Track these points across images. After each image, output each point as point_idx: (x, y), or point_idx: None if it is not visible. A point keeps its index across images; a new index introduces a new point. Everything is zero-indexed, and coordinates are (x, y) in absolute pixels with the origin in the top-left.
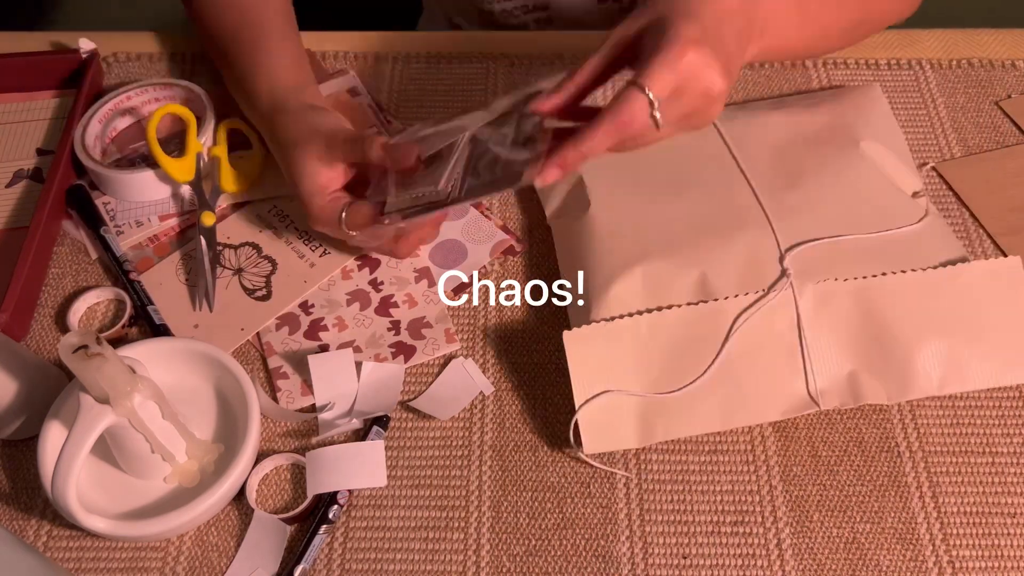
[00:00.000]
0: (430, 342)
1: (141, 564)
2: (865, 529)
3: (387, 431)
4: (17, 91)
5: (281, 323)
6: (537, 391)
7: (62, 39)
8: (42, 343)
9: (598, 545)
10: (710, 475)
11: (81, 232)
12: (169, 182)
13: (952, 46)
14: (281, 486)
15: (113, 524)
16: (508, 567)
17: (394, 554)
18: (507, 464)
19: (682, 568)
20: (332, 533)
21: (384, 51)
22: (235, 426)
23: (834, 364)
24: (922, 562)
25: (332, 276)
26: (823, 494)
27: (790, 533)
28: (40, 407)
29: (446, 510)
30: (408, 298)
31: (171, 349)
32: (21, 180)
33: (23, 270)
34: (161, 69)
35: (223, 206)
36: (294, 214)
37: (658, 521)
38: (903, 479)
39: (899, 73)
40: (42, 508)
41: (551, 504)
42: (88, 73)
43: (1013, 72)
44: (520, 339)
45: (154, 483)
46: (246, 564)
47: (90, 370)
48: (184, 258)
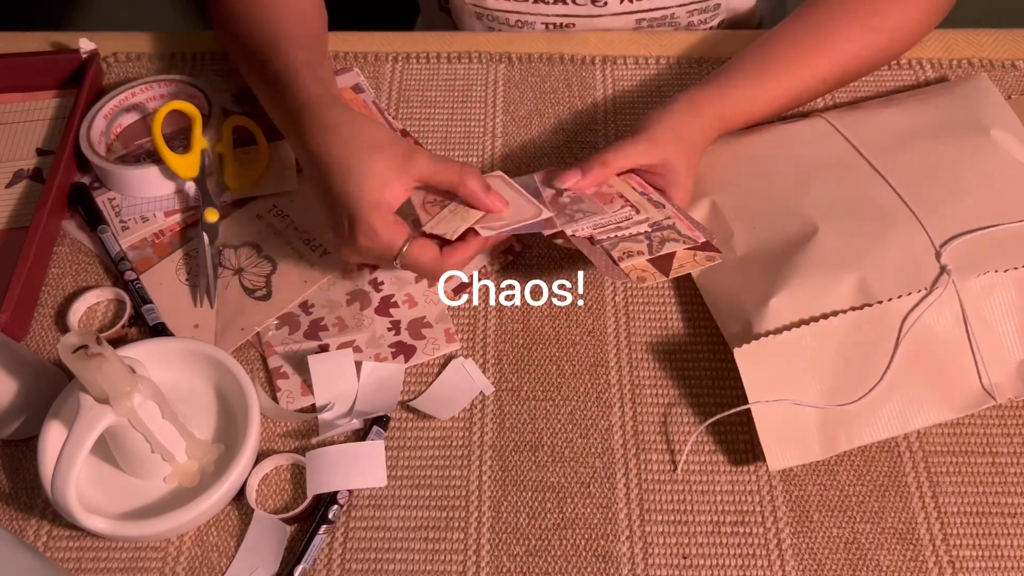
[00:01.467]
0: (430, 342)
1: (141, 564)
2: (865, 529)
3: (387, 431)
4: (17, 91)
5: (281, 323)
6: (537, 391)
7: (62, 39)
8: (42, 343)
9: (598, 545)
10: (710, 475)
11: (83, 233)
12: (174, 178)
13: (952, 46)
14: (281, 486)
15: (113, 524)
16: (508, 567)
17: (394, 554)
18: (507, 464)
19: (682, 568)
20: (332, 533)
21: (384, 51)
22: (235, 426)
23: (1005, 356)
24: (922, 562)
25: (332, 276)
26: (823, 494)
27: (790, 533)
28: (40, 407)
29: (446, 510)
30: (408, 298)
31: (171, 349)
32: (21, 180)
33: (23, 270)
34: (161, 69)
35: (226, 203)
36: (294, 214)
37: (658, 521)
38: (903, 479)
39: (899, 73)
40: (42, 508)
41: (551, 504)
42: (88, 73)
43: (1013, 72)
44: (520, 339)
45: (154, 483)
46: (246, 564)
47: (90, 370)
48: (185, 257)
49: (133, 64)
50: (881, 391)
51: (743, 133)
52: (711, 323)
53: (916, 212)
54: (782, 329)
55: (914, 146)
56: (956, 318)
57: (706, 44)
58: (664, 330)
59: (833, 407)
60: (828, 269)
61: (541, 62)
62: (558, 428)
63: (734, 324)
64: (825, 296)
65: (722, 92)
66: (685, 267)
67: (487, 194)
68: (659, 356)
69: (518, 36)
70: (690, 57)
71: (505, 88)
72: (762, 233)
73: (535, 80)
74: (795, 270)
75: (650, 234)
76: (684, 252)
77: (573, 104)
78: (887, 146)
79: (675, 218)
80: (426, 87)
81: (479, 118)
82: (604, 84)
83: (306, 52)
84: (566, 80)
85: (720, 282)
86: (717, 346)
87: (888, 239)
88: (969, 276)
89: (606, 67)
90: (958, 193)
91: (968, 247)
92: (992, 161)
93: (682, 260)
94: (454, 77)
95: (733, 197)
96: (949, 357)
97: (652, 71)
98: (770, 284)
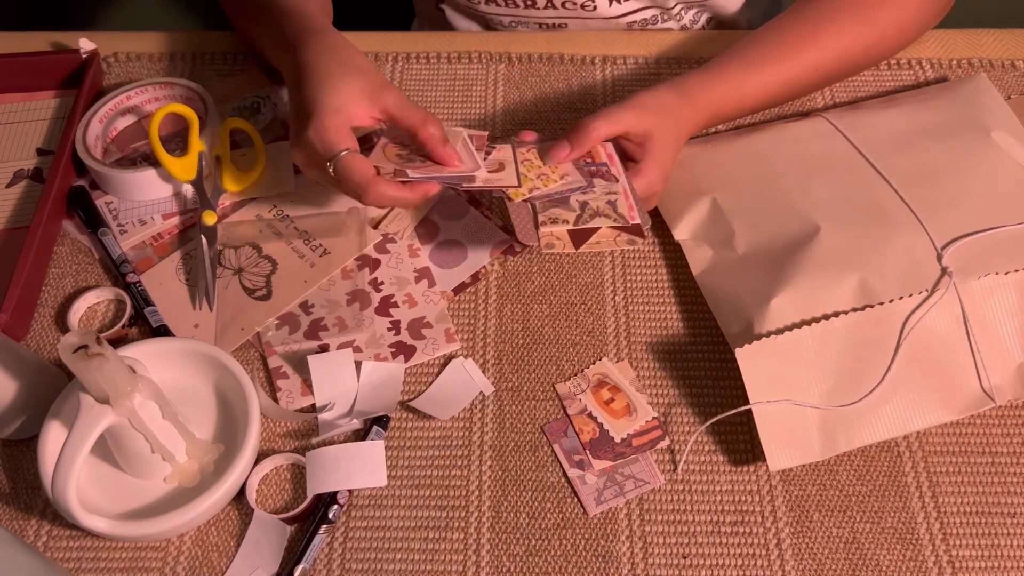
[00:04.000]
0: (430, 342)
1: (141, 564)
2: (865, 529)
3: (387, 431)
4: (17, 91)
5: (281, 323)
6: (537, 391)
7: (62, 39)
8: (42, 343)
9: (598, 545)
10: (710, 475)
11: (84, 235)
12: (171, 181)
13: (952, 46)
14: (281, 486)
15: (113, 524)
16: (508, 567)
17: (394, 554)
18: (507, 464)
19: (682, 568)
20: (332, 533)
21: (384, 51)
22: (235, 426)
23: (1005, 358)
24: (922, 562)
25: (332, 276)
26: (823, 494)
27: (790, 533)
28: (40, 407)
29: (446, 510)
30: (408, 298)
31: (171, 349)
32: (21, 180)
33: (23, 270)
34: (161, 69)
35: (224, 204)
36: (294, 214)
37: (658, 521)
38: (903, 479)
39: (899, 73)
40: (42, 508)
41: (551, 504)
42: (88, 73)
43: (1013, 72)
44: (520, 339)
45: (154, 483)
46: (246, 564)
47: (90, 370)
48: (184, 258)
49: (133, 64)
50: (882, 392)
51: (744, 132)
52: (711, 323)
53: (917, 214)
54: (783, 329)
55: (915, 147)
56: (957, 320)
57: (706, 44)
58: (664, 330)
59: (834, 408)
60: (830, 270)
61: (541, 62)
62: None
63: (735, 324)
64: (826, 297)
65: (713, 78)
66: (602, 244)
67: (443, 144)
68: (659, 356)
69: (518, 36)
70: (690, 57)
71: (505, 88)
72: (763, 232)
73: (535, 80)
74: (796, 270)
75: (585, 204)
76: (607, 230)
77: (573, 104)
78: (888, 147)
79: (621, 195)
80: (426, 87)
81: (479, 118)
82: (604, 84)
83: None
84: (566, 80)
85: (721, 281)
86: (717, 346)
87: (889, 240)
88: (970, 278)
89: (606, 67)
90: (959, 195)
91: (969, 249)
92: (993, 163)
93: (602, 237)
94: (454, 77)
95: (734, 196)
96: (950, 359)
97: (652, 71)
98: (771, 284)
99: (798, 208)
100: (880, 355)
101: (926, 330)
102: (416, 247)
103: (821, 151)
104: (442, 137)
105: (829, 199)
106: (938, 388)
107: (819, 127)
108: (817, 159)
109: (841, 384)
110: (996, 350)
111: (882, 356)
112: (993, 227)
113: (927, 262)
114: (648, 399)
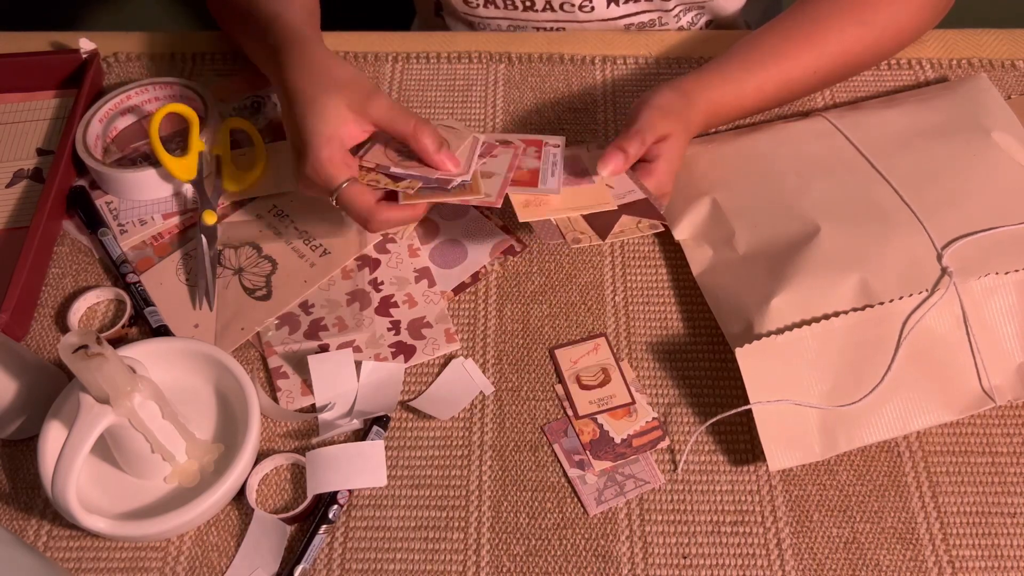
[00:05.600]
0: (430, 342)
1: (141, 564)
2: (865, 529)
3: (387, 431)
4: (17, 91)
5: (281, 323)
6: (537, 391)
7: (62, 39)
8: (42, 343)
9: (598, 545)
10: (710, 475)
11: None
12: (171, 181)
13: (952, 46)
14: (281, 486)
15: (113, 524)
16: (508, 567)
17: (394, 554)
18: (507, 464)
19: (682, 568)
20: (332, 533)
21: (384, 51)
22: (235, 426)
23: (1005, 358)
24: (922, 562)
25: (332, 276)
26: (823, 494)
27: (790, 533)
28: (40, 407)
29: (446, 510)
30: (408, 298)
31: (171, 349)
32: (21, 180)
33: (23, 270)
34: (161, 69)
35: (224, 204)
36: (294, 214)
37: (658, 521)
38: (903, 479)
39: (899, 73)
40: (42, 508)
41: (551, 504)
42: (88, 73)
43: (1013, 72)
44: (520, 339)
45: (154, 483)
46: (246, 564)
47: (90, 370)
48: (184, 258)
49: (133, 64)
50: (882, 392)
51: (744, 132)
52: (711, 323)
53: (917, 214)
54: (783, 329)
55: (915, 147)
56: (957, 320)
57: (706, 44)
58: (664, 330)
59: (834, 408)
60: (830, 269)
61: (541, 62)
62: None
63: (735, 324)
64: (827, 296)
65: (711, 79)
66: (625, 233)
67: (437, 152)
68: (659, 356)
69: (518, 36)
70: (690, 57)
71: (505, 88)
72: (763, 232)
73: (535, 80)
74: (797, 270)
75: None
76: (627, 218)
77: (573, 104)
78: (888, 147)
79: (635, 189)
80: (426, 87)
81: (479, 118)
82: (604, 84)
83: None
84: (566, 80)
85: (721, 281)
86: (717, 346)
87: (890, 240)
88: (970, 278)
89: (606, 67)
90: (959, 195)
91: (969, 249)
92: (993, 164)
93: (624, 226)
94: (454, 77)
95: (734, 196)
96: (950, 359)
97: (652, 71)
98: (772, 284)
99: (798, 208)
100: (880, 355)
101: (926, 330)
102: (416, 247)
103: (821, 151)
104: (434, 146)
105: (829, 199)
106: (938, 388)
107: (819, 127)
108: (817, 159)
109: (841, 384)
110: (996, 350)
111: (882, 356)
112: (993, 227)
113: (927, 262)
114: (648, 399)
